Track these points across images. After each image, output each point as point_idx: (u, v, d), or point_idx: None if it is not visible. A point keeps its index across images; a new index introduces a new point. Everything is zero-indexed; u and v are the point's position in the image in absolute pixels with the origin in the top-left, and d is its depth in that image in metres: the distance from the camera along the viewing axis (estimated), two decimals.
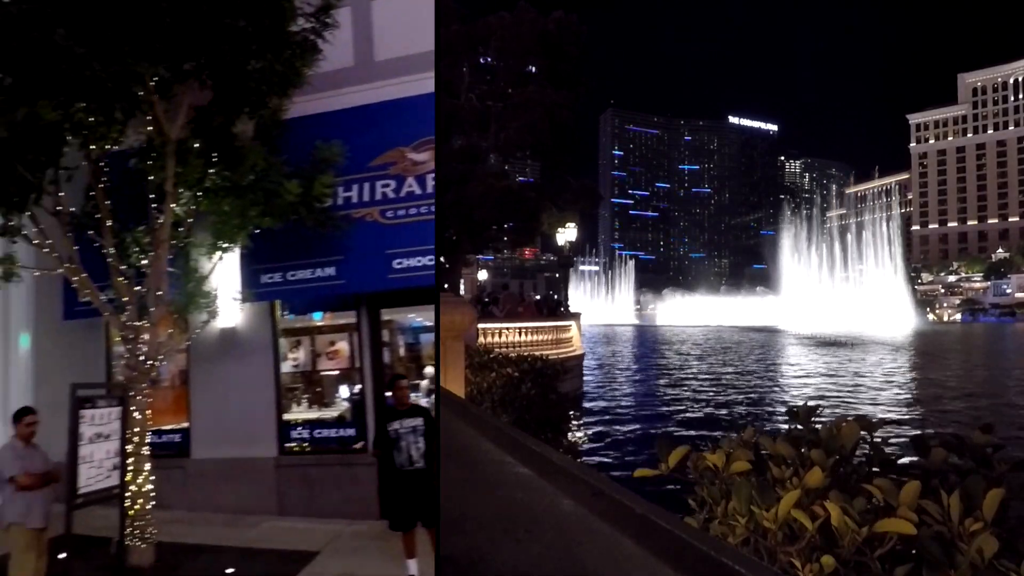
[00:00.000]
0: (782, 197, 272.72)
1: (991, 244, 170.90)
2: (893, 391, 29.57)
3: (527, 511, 4.46)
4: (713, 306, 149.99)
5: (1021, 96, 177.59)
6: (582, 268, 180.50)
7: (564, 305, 34.49)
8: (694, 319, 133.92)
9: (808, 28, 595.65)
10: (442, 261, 26.40)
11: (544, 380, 14.74)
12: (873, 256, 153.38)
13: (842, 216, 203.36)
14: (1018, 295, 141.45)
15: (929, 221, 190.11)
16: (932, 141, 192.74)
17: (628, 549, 3.59)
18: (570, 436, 18.35)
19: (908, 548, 2.69)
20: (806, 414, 3.56)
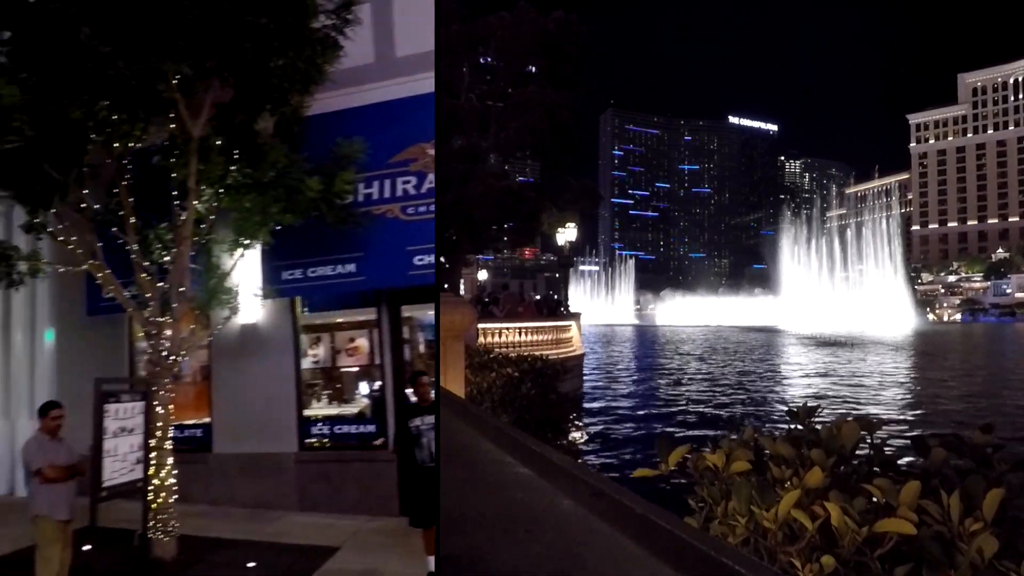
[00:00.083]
0: (782, 197, 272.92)
1: (991, 244, 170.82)
2: (893, 391, 29.56)
3: (527, 511, 4.46)
4: (713, 306, 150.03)
5: (1021, 96, 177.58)
6: (582, 268, 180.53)
7: (564, 305, 34.47)
8: (694, 319, 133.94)
9: (808, 28, 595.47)
10: (442, 261, 26.39)
11: (544, 380, 14.75)
12: (873, 256, 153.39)
13: (842, 216, 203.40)
14: (1018, 295, 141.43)
15: (929, 221, 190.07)
16: (932, 141, 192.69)
17: (628, 549, 3.59)
18: (570, 436, 18.36)
19: (908, 548, 2.69)
20: (806, 414, 3.56)
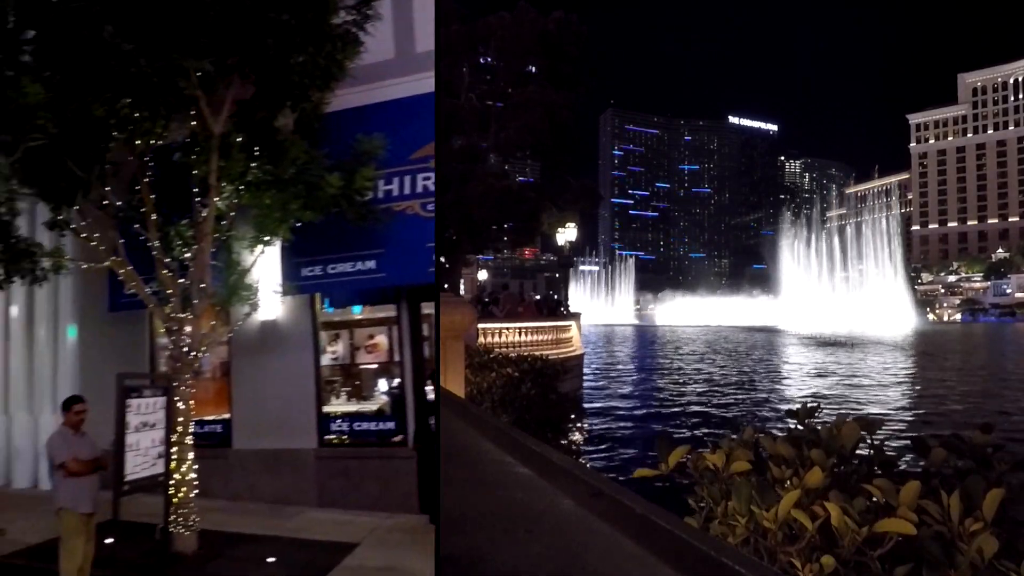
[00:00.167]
0: (782, 197, 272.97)
1: (991, 244, 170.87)
2: (893, 391, 29.55)
3: (527, 511, 4.46)
4: (713, 306, 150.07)
5: (1021, 96, 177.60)
6: (582, 268, 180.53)
7: (564, 305, 34.48)
8: (694, 319, 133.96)
9: (808, 28, 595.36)
10: (442, 261, 26.39)
11: (544, 380, 14.76)
12: (873, 256, 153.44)
13: (842, 216, 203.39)
14: (1018, 295, 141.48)
15: (929, 221, 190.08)
16: (932, 141, 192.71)
17: (628, 549, 3.59)
18: (570, 436, 18.36)
19: (908, 548, 2.69)
20: (806, 414, 3.56)
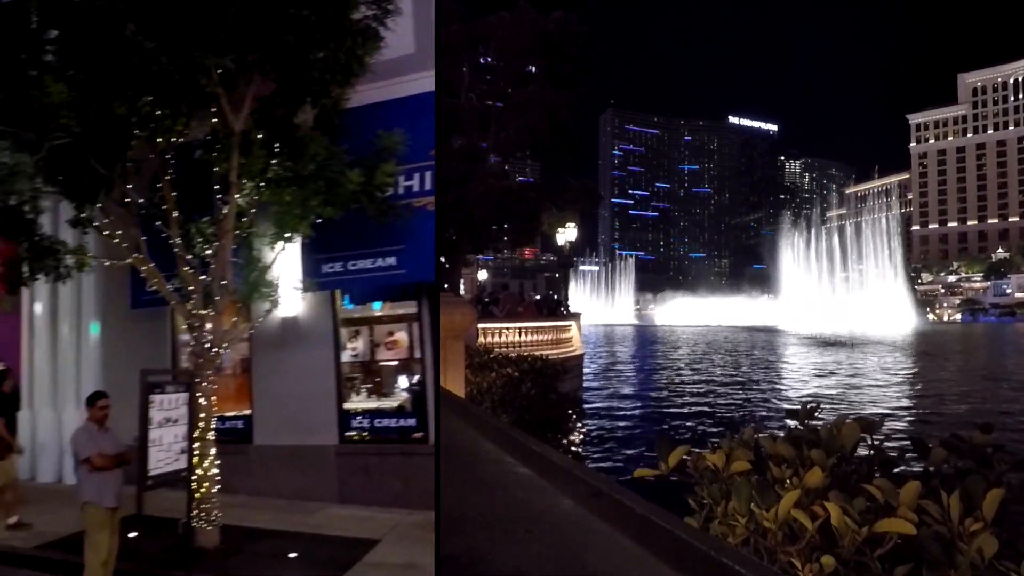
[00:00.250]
0: (782, 197, 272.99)
1: (991, 244, 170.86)
2: (893, 391, 29.55)
3: (527, 511, 4.46)
4: (713, 306, 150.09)
5: (1021, 96, 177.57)
6: (582, 268, 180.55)
7: (564, 305, 34.49)
8: (693, 319, 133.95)
9: (808, 28, 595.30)
10: (442, 261, 26.39)
11: (544, 380, 14.76)
12: (873, 256, 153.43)
13: (842, 216, 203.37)
14: (1018, 295, 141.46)
15: (929, 221, 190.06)
16: (932, 141, 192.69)
17: (628, 549, 3.59)
18: (570, 436, 18.36)
19: (908, 548, 2.69)
20: (806, 414, 3.56)
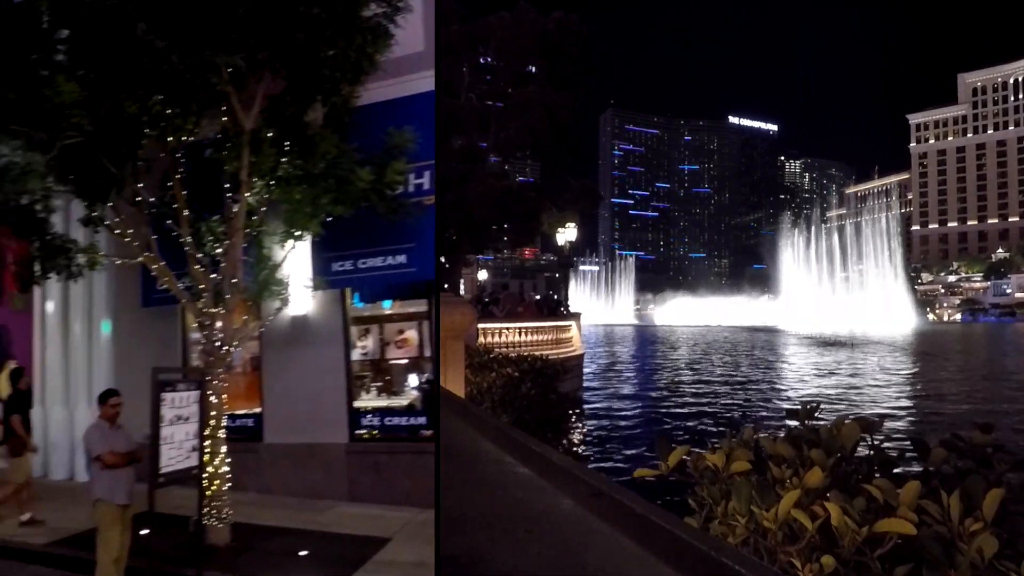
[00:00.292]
0: (782, 197, 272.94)
1: (991, 244, 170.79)
2: (893, 391, 29.55)
3: (527, 511, 4.46)
4: (712, 306, 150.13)
5: (1021, 96, 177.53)
6: (582, 268, 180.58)
7: (564, 305, 34.50)
8: (693, 319, 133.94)
9: (808, 28, 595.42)
10: (442, 261, 26.38)
11: (544, 380, 14.75)
12: (873, 256, 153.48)
13: (842, 216, 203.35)
14: (1018, 295, 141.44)
15: (929, 221, 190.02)
16: (932, 141, 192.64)
17: (628, 549, 3.59)
18: (570, 436, 18.35)
19: (908, 548, 2.69)
20: (806, 414, 3.56)
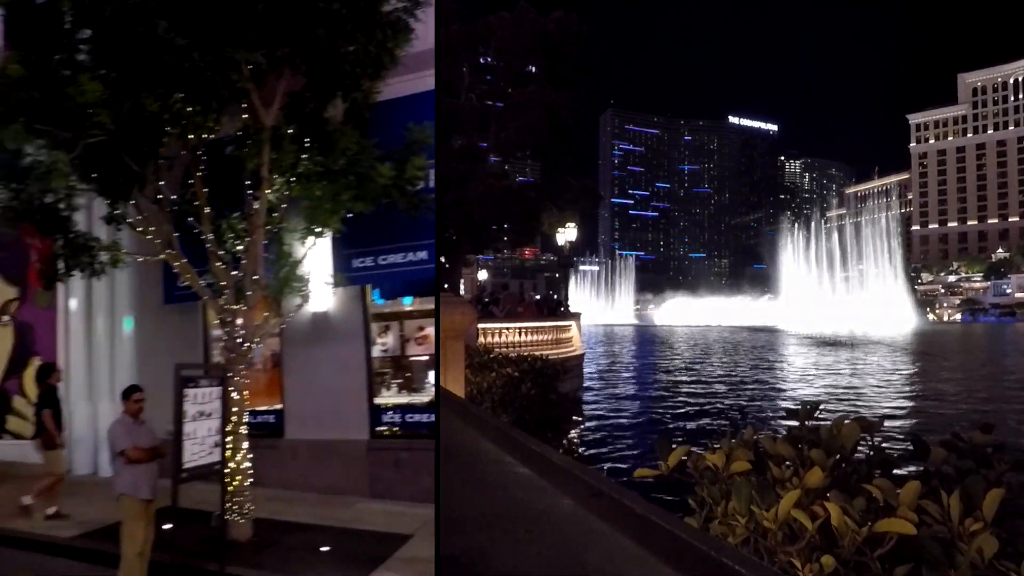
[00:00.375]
0: (782, 197, 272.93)
1: (991, 244, 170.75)
2: (893, 391, 29.55)
3: (527, 511, 4.46)
4: (713, 306, 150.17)
5: (1021, 96, 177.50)
6: (582, 268, 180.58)
7: (564, 305, 34.49)
8: (693, 319, 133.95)
9: (808, 28, 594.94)
10: (442, 261, 26.38)
11: (544, 380, 14.73)
12: (873, 256, 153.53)
13: (842, 216, 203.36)
14: (1018, 295, 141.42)
15: (929, 221, 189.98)
16: (932, 141, 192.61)
17: (628, 549, 3.59)
18: (570, 436, 18.35)
19: (908, 548, 2.69)
20: (806, 414, 3.56)
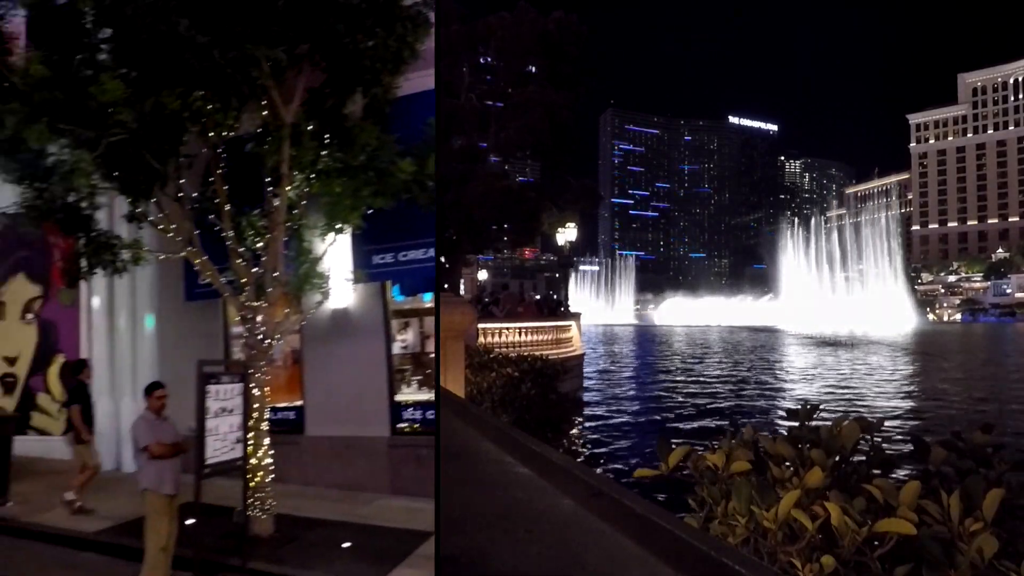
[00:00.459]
0: (782, 197, 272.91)
1: (991, 244, 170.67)
2: (893, 391, 29.55)
3: (527, 511, 4.46)
4: (713, 306, 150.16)
5: (1021, 96, 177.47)
6: (582, 268, 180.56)
7: (564, 305, 34.47)
8: (693, 319, 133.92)
9: (808, 28, 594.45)
10: (442, 261, 26.37)
11: (544, 380, 14.73)
12: (873, 256, 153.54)
13: (842, 216, 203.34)
14: (1018, 295, 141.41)
15: (929, 221, 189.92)
16: (932, 141, 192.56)
17: (628, 549, 3.59)
18: (570, 436, 18.34)
19: (908, 548, 2.69)
20: (806, 414, 3.56)
